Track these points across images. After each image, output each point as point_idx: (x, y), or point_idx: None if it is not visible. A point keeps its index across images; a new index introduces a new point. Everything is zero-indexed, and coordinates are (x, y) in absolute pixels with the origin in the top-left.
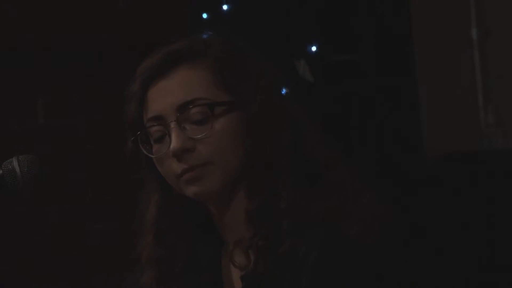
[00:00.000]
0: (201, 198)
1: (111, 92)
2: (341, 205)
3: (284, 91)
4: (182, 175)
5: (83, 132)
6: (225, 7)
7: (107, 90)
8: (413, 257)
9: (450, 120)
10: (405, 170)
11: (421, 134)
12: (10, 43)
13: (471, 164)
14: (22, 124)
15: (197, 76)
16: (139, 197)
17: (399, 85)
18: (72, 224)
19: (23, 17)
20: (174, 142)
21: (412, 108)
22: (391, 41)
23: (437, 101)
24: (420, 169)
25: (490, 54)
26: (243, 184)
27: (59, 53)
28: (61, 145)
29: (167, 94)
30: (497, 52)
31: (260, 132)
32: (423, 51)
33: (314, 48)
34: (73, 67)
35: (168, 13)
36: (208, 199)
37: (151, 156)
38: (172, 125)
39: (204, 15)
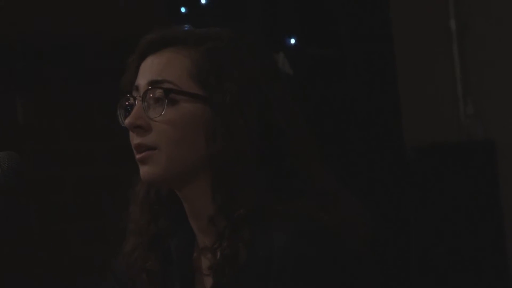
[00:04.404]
0: (149, 182)
1: (91, 91)
2: (314, 206)
3: (271, 94)
4: (136, 152)
5: (64, 132)
6: (203, 0)
7: (87, 88)
8: (393, 248)
9: (429, 112)
10: (384, 162)
11: (400, 125)
12: None
13: (450, 155)
14: (2, 124)
15: (177, 61)
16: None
17: (378, 77)
18: (52, 223)
19: (2, 17)
20: (129, 117)
21: (391, 100)
22: (369, 34)
23: (417, 92)
24: (399, 161)
25: (469, 45)
26: (207, 185)
27: (39, 52)
28: (42, 144)
29: (148, 69)
30: (476, 43)
31: (222, 134)
32: (401, 43)
33: (292, 41)
34: (53, 66)
35: (147, 8)
36: (158, 186)
37: (121, 124)
38: (138, 99)
39: (183, 9)
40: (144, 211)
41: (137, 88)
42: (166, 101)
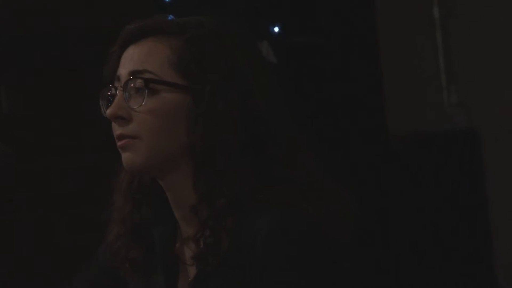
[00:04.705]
0: (130, 170)
1: (76, 80)
2: (296, 192)
3: (252, 82)
4: (117, 141)
5: (48, 122)
6: None
7: (72, 77)
8: (377, 237)
9: (413, 100)
10: (368, 151)
11: (384, 114)
12: None
13: (434, 144)
14: None
15: (158, 50)
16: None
17: (361, 65)
18: (38, 213)
19: None
20: (111, 107)
21: (375, 89)
22: (353, 21)
23: (400, 81)
24: (383, 150)
25: (453, 34)
26: (189, 175)
27: (23, 40)
28: (26, 134)
29: (129, 59)
30: (460, 32)
31: (203, 123)
32: (385, 31)
33: (276, 29)
34: (38, 55)
35: None
36: (139, 174)
37: (102, 114)
38: (119, 89)
39: None
40: (127, 200)
41: (118, 78)
42: (146, 91)
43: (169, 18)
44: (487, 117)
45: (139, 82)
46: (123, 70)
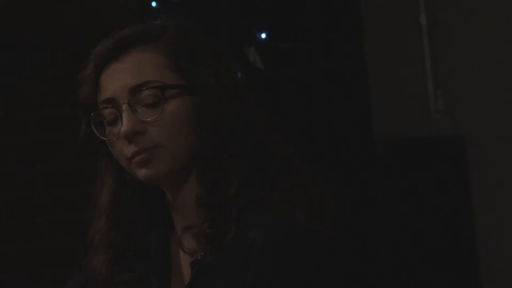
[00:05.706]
0: (151, 181)
1: (59, 83)
2: (290, 193)
3: (238, 76)
4: (133, 157)
5: (32, 124)
6: None
7: (55, 80)
8: (361, 243)
9: (399, 106)
10: (354, 157)
11: (370, 120)
12: None
13: (420, 150)
14: None
15: (149, 59)
16: (94, 181)
17: (348, 71)
18: (22, 216)
19: None
20: (125, 125)
21: (362, 95)
22: (339, 27)
23: (387, 87)
24: (369, 156)
25: (439, 40)
26: (194, 169)
27: (6, 43)
28: (10, 137)
29: (120, 77)
30: (446, 38)
31: (211, 117)
32: (372, 37)
33: (263, 35)
34: (21, 57)
35: (117, 1)
36: (159, 182)
37: (103, 138)
38: (124, 107)
39: (153, 3)
40: (112, 222)
41: (111, 100)
42: (162, 99)
43: (139, 25)
44: (474, 123)
45: (146, 94)
46: (117, 88)
